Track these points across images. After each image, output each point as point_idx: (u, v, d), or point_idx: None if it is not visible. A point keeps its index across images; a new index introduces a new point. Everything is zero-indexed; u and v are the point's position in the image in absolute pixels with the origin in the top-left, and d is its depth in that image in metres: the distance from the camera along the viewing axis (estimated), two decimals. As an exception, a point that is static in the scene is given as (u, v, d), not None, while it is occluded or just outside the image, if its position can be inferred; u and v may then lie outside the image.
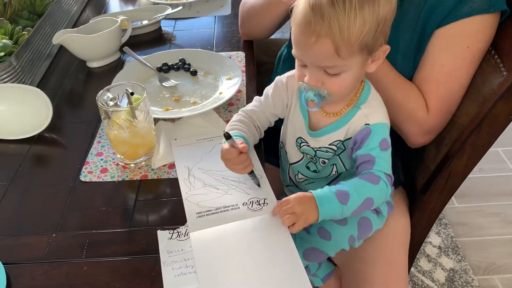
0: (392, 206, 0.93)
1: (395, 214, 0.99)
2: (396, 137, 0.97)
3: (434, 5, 0.89)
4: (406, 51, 0.93)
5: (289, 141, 0.87)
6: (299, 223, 0.72)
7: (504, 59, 0.87)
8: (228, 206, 0.79)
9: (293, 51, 0.73)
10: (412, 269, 1.63)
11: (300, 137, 0.84)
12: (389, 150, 0.78)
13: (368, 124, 0.77)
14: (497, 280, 1.58)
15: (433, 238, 1.73)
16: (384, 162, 0.77)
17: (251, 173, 0.80)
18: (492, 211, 1.82)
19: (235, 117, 0.86)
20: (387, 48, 0.74)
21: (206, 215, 0.78)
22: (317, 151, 0.83)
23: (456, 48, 0.88)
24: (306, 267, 1.01)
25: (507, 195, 1.88)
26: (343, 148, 0.81)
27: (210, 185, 0.83)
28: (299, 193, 0.75)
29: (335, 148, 0.81)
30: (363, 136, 0.77)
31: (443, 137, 0.95)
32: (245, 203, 0.79)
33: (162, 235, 0.75)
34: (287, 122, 0.87)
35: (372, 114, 0.78)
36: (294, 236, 0.88)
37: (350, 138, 0.79)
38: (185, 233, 0.75)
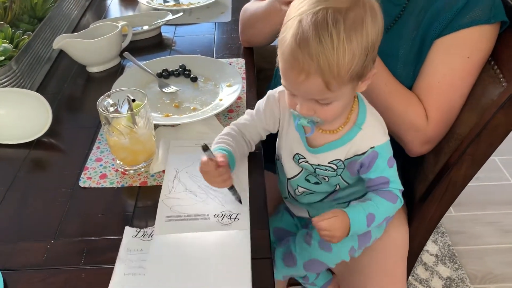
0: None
1: (394, 224, 0.99)
2: (396, 145, 0.97)
3: (434, 15, 0.89)
4: (407, 60, 0.94)
5: (286, 156, 0.86)
6: (331, 240, 0.77)
7: (504, 70, 0.87)
8: (198, 215, 0.78)
9: (283, 83, 0.71)
10: (409, 277, 1.62)
11: (297, 153, 0.83)
12: (395, 165, 0.79)
13: (373, 147, 0.76)
14: (494, 289, 1.59)
15: (430, 247, 1.73)
16: (396, 179, 0.79)
17: (231, 188, 0.79)
18: (488, 220, 1.82)
19: (225, 130, 0.85)
20: (376, 72, 0.73)
21: (175, 220, 0.77)
22: (316, 169, 0.82)
23: (456, 58, 0.88)
24: (305, 276, 1.01)
25: (503, 204, 1.89)
26: (343, 167, 0.81)
27: (190, 191, 0.83)
28: (339, 216, 0.76)
29: (335, 167, 0.81)
30: (370, 159, 0.77)
31: (442, 147, 0.96)
32: (216, 215, 0.78)
33: (128, 232, 0.76)
34: (282, 137, 0.86)
35: (375, 136, 0.77)
36: (295, 246, 0.88)
37: (351, 157, 0.79)
38: (150, 234, 0.75)
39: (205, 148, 0.73)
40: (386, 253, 0.97)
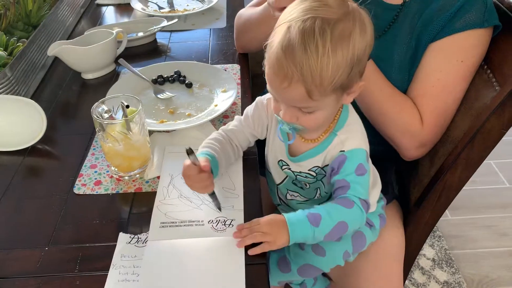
0: (385, 218, 0.92)
1: (389, 227, 0.99)
2: (391, 150, 0.98)
3: (428, 19, 0.90)
4: (401, 64, 0.94)
5: (272, 162, 0.87)
6: (267, 245, 0.71)
7: (496, 74, 0.88)
8: (193, 221, 0.78)
9: (268, 88, 0.71)
10: (406, 282, 1.62)
11: (281, 160, 0.83)
12: (366, 175, 0.76)
13: (343, 151, 0.75)
14: (491, 293, 1.59)
15: (427, 251, 1.73)
16: (359, 187, 0.75)
17: (212, 194, 0.78)
18: (485, 224, 1.83)
19: (212, 135, 0.85)
20: (362, 85, 0.72)
21: (169, 226, 0.77)
22: (298, 176, 0.82)
23: (450, 62, 0.89)
24: (302, 283, 1.01)
25: (499, 208, 1.89)
26: (324, 174, 0.80)
27: (185, 196, 0.83)
28: (270, 215, 0.75)
29: (314, 174, 0.80)
30: (339, 162, 0.75)
31: (437, 151, 0.96)
32: (211, 221, 0.78)
33: (122, 238, 0.76)
34: (269, 143, 0.86)
35: (348, 140, 0.76)
36: (289, 251, 0.88)
37: (328, 164, 0.78)
38: (144, 240, 0.75)
39: (190, 152, 0.73)
40: (382, 256, 0.96)
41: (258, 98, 0.84)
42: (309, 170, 0.80)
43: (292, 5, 0.68)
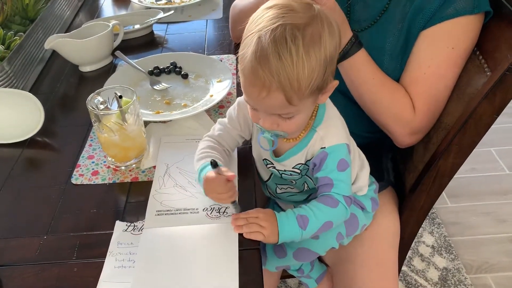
0: (377, 202, 0.93)
1: (384, 213, 1.01)
2: (387, 138, 0.98)
3: (419, 7, 0.90)
4: (393, 52, 0.95)
5: (257, 160, 0.87)
6: (260, 236, 0.73)
7: (488, 60, 0.88)
8: (188, 209, 0.79)
9: (244, 98, 0.72)
10: (405, 268, 1.64)
11: (265, 159, 0.84)
12: (349, 170, 0.77)
13: (324, 147, 0.76)
14: (490, 279, 1.60)
15: (426, 238, 1.74)
16: (343, 184, 0.77)
17: (234, 202, 0.77)
18: (484, 210, 1.83)
19: (204, 143, 0.84)
20: (335, 83, 0.72)
21: (165, 214, 0.79)
22: (283, 174, 0.83)
23: (441, 49, 0.89)
24: (299, 269, 1.02)
25: (499, 194, 1.89)
26: (308, 168, 0.81)
27: (180, 185, 0.84)
28: (267, 209, 0.76)
29: (298, 171, 0.81)
30: (321, 159, 0.76)
31: (430, 137, 0.97)
32: (205, 209, 0.79)
33: (119, 226, 0.78)
34: (253, 142, 0.86)
35: (328, 137, 0.76)
36: None
37: (310, 159, 0.79)
38: (140, 228, 0.77)
39: (215, 164, 0.72)
40: (377, 242, 0.98)
41: (239, 99, 0.84)
42: (293, 168, 0.81)
43: (257, 15, 0.68)
